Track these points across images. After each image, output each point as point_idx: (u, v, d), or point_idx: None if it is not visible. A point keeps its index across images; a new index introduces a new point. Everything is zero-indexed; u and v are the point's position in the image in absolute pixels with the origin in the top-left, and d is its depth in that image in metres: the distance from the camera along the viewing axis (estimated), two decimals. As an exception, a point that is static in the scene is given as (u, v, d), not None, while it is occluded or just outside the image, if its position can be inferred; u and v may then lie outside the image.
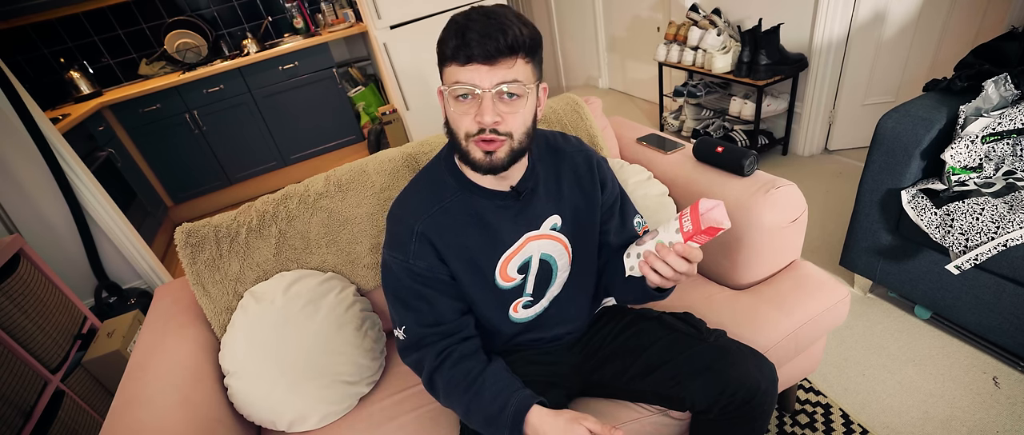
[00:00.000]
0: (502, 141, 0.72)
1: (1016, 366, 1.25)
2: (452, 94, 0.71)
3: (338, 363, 0.98)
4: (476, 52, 0.67)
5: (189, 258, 1.02)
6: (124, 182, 2.58)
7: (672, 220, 0.71)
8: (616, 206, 0.93)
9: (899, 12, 1.90)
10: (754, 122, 2.19)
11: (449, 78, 0.71)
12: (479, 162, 0.74)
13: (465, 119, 0.72)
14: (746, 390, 0.76)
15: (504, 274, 0.84)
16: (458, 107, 0.71)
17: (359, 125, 3.27)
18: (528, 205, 0.84)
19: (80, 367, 1.59)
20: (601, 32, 3.46)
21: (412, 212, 0.82)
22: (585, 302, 0.95)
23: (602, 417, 0.88)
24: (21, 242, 1.60)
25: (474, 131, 0.71)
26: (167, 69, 3.00)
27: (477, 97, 0.69)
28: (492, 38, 0.67)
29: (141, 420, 0.82)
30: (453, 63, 0.70)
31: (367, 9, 2.44)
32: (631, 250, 0.77)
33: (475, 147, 0.73)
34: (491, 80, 0.68)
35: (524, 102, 0.72)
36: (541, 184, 0.85)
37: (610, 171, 0.94)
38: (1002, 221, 1.05)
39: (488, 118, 0.69)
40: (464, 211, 0.81)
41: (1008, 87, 1.14)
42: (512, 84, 0.69)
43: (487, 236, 0.82)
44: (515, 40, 0.68)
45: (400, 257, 0.81)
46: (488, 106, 0.69)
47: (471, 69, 0.68)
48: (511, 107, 0.71)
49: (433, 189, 0.83)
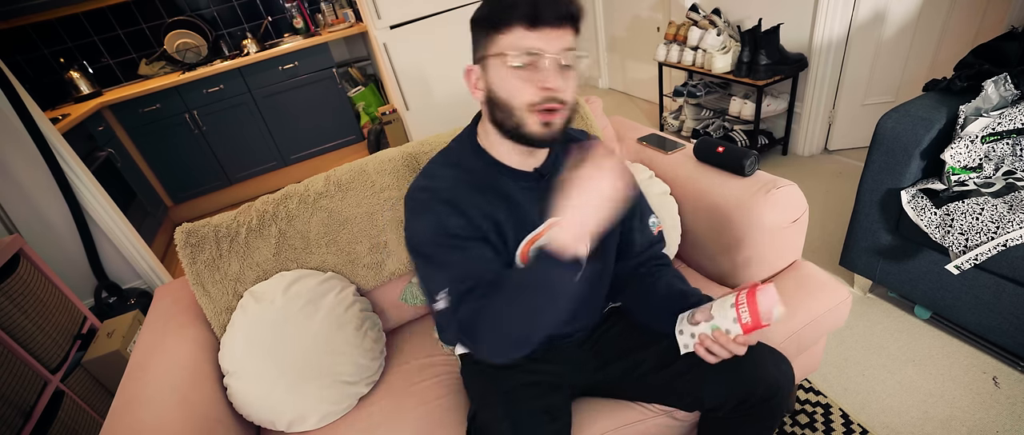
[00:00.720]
0: (562, 109, 0.71)
1: (1016, 366, 1.25)
2: (513, 61, 0.68)
3: (338, 363, 0.98)
4: (547, 15, 0.65)
5: (189, 258, 1.02)
6: (124, 182, 2.57)
7: (726, 303, 0.70)
8: (636, 207, 0.92)
9: (899, 12, 1.90)
10: (754, 122, 2.19)
11: (511, 44, 0.68)
12: (537, 134, 0.71)
13: (527, 87, 0.69)
14: (766, 388, 0.76)
15: (525, 256, 0.82)
16: (516, 75, 0.69)
17: (359, 125, 3.27)
18: (551, 190, 0.77)
19: (80, 367, 1.59)
20: (601, 32, 3.46)
21: (436, 184, 0.79)
22: (598, 301, 0.94)
23: (606, 418, 0.88)
24: (21, 242, 1.60)
25: (537, 99, 0.69)
26: (167, 69, 3.00)
27: (537, 65, 0.68)
28: (561, 3, 0.66)
29: (141, 420, 0.82)
30: (519, 26, 0.67)
31: (367, 9, 2.43)
32: (685, 326, 0.76)
33: (533, 118, 0.70)
34: (559, 44, 0.67)
35: (576, 72, 0.72)
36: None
37: (630, 171, 0.93)
38: (1002, 221, 1.05)
39: (556, 82, 0.68)
40: (491, 188, 0.79)
41: (1008, 87, 1.14)
42: (572, 53, 0.69)
43: (515, 214, 0.80)
44: (577, 8, 0.68)
45: (429, 219, 0.75)
46: (554, 72, 0.68)
47: (540, 34, 0.67)
48: (568, 75, 0.70)
49: (458, 165, 0.81)
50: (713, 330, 0.71)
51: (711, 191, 1.11)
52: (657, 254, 0.94)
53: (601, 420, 0.88)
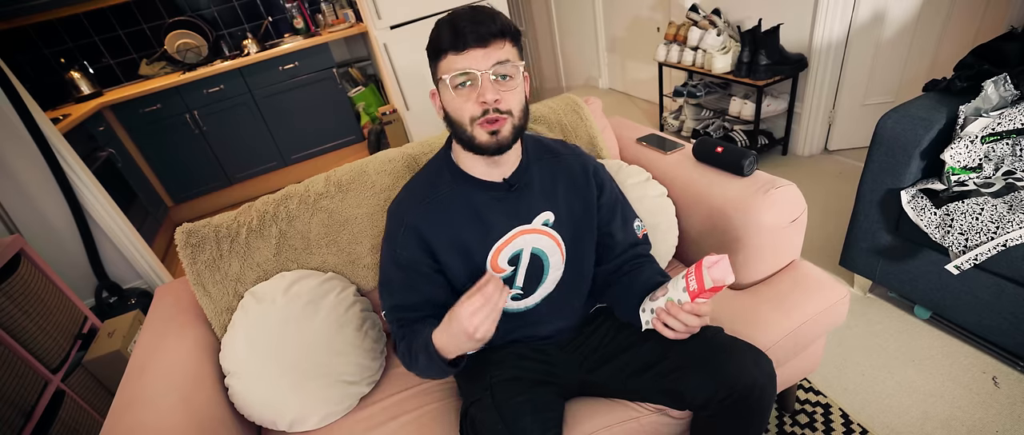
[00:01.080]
0: (504, 119, 0.77)
1: (1015, 366, 1.25)
2: (452, 83, 0.76)
3: (338, 363, 0.98)
4: (471, 38, 0.73)
5: (189, 258, 1.02)
6: (124, 182, 2.58)
7: (680, 277, 0.74)
8: (618, 209, 0.96)
9: (899, 12, 1.90)
10: (754, 122, 2.19)
11: (446, 68, 0.76)
12: (486, 144, 0.78)
13: (467, 104, 0.76)
14: (743, 385, 0.76)
15: (495, 264, 0.87)
16: (458, 95, 0.76)
17: (359, 125, 3.27)
18: (520, 198, 0.87)
19: (81, 367, 1.59)
20: (601, 32, 3.46)
21: (405, 206, 0.88)
22: (578, 303, 0.97)
23: (600, 416, 0.88)
24: (22, 242, 1.60)
25: (478, 113, 0.76)
26: (167, 69, 3.00)
27: (475, 82, 0.75)
28: (483, 24, 0.73)
29: (142, 420, 0.82)
30: (450, 53, 0.75)
31: (367, 9, 2.44)
32: (646, 305, 0.81)
33: (480, 130, 0.77)
34: (487, 62, 0.74)
35: (517, 82, 0.78)
36: (536, 181, 0.89)
37: (607, 175, 0.98)
38: (1002, 221, 1.05)
39: (490, 96, 0.74)
40: (458, 203, 0.86)
41: (1007, 87, 1.14)
42: (505, 65, 0.75)
43: (480, 227, 0.86)
44: (503, 24, 0.75)
45: (389, 246, 0.88)
46: (488, 85, 0.75)
47: (468, 55, 0.74)
48: (507, 86, 0.77)
49: (429, 182, 0.89)
50: (666, 302, 0.75)
51: (710, 191, 1.11)
52: (640, 253, 0.97)
53: (595, 418, 0.88)
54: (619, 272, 0.95)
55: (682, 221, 1.18)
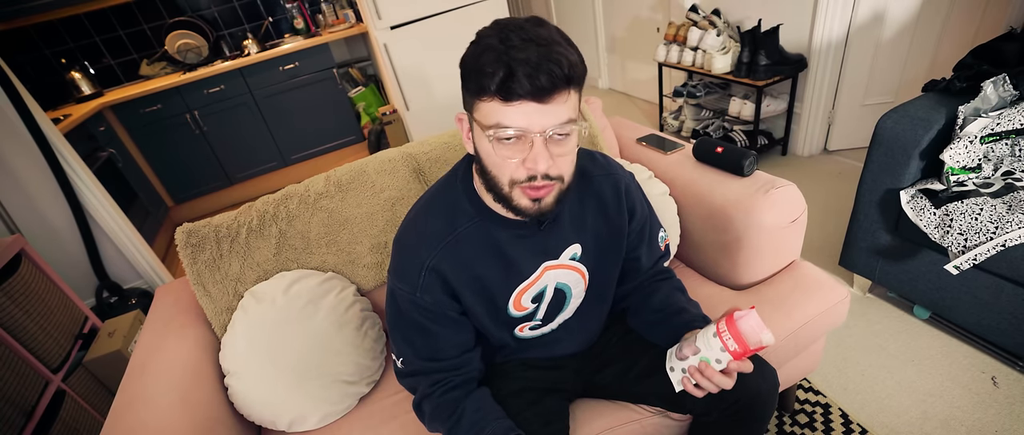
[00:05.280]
0: (552, 186, 0.64)
1: (1015, 366, 1.25)
2: (496, 137, 0.60)
3: (338, 363, 0.98)
4: (527, 89, 0.55)
5: (189, 258, 1.02)
6: (125, 182, 2.58)
7: (710, 334, 0.68)
8: (646, 230, 0.88)
9: (898, 12, 1.90)
10: (754, 122, 2.19)
11: (487, 117, 0.60)
12: (527, 209, 0.65)
13: (510, 164, 0.62)
14: (748, 395, 0.76)
15: (518, 304, 0.79)
16: (501, 150, 0.61)
17: (359, 125, 3.28)
18: (549, 234, 0.77)
19: (81, 367, 1.59)
20: (601, 32, 3.46)
21: (424, 242, 0.74)
22: (595, 326, 0.93)
23: (603, 418, 0.88)
24: (22, 242, 1.60)
25: (522, 178, 0.62)
26: (168, 69, 3.00)
27: (525, 139, 0.60)
28: (545, 71, 0.55)
29: (142, 420, 0.82)
30: (494, 99, 0.58)
31: (367, 10, 2.44)
32: (674, 363, 0.74)
33: (521, 195, 0.64)
34: (544, 122, 0.58)
35: (574, 140, 0.63)
36: (565, 212, 0.78)
37: (638, 193, 0.88)
38: (1001, 221, 1.05)
39: (542, 166, 0.60)
40: (481, 241, 0.74)
41: (1007, 88, 1.15)
42: (566, 125, 0.60)
43: (504, 268, 0.75)
44: (572, 68, 0.57)
45: (407, 289, 0.74)
46: (541, 152, 0.59)
47: (519, 108, 0.57)
48: (562, 148, 0.62)
49: (447, 215, 0.75)
50: (701, 362, 0.68)
51: (710, 191, 1.11)
52: (660, 269, 0.93)
53: (598, 419, 0.88)
54: (639, 289, 0.91)
55: (682, 221, 1.18)
